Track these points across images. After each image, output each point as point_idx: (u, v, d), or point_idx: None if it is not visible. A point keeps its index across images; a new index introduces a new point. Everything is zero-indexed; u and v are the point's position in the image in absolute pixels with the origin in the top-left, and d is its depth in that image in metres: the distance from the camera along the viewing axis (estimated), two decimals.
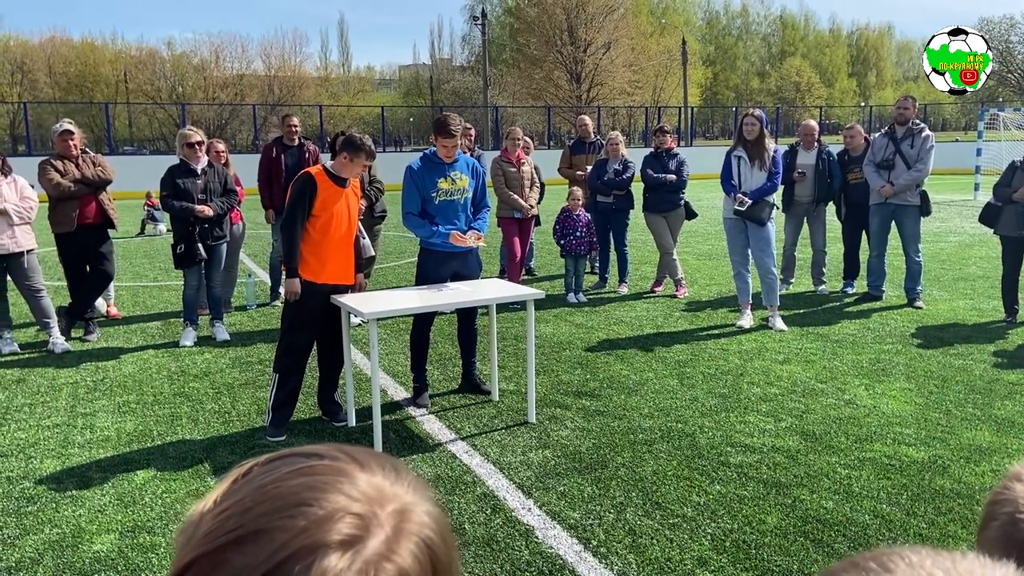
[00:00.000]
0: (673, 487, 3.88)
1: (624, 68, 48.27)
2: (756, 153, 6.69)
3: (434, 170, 5.07)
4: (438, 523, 0.55)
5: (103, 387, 5.55)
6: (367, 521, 0.52)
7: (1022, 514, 0.62)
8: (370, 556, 0.50)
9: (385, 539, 0.51)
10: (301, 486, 0.53)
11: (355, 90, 64.89)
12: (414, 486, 0.57)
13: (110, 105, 32.38)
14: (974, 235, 12.13)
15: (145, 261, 11.23)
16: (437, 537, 0.54)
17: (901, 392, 5.20)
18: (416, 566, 0.51)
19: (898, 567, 0.50)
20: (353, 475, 0.54)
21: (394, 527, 0.52)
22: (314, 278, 4.61)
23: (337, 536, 0.50)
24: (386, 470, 0.56)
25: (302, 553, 0.49)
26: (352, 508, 0.52)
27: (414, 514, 0.54)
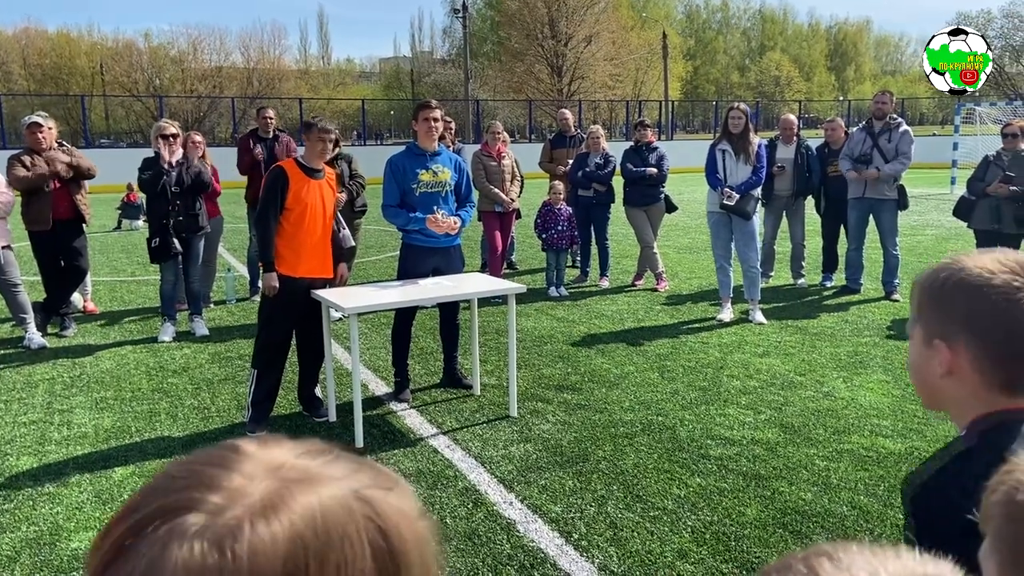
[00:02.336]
0: (654, 480, 3.90)
1: (605, 62, 48.32)
2: (741, 147, 6.72)
3: (415, 161, 5.02)
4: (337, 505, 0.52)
5: (80, 383, 5.48)
6: (234, 492, 0.50)
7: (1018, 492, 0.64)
8: (225, 523, 0.49)
9: (246, 509, 0.49)
10: (187, 465, 0.53)
11: (335, 83, 64.49)
12: (337, 468, 0.54)
13: (86, 97, 31.94)
14: (951, 228, 12.28)
15: (122, 255, 11.10)
16: (329, 517, 0.51)
17: (878, 384, 5.26)
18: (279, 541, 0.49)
19: (823, 568, 0.50)
20: (243, 456, 0.53)
21: (264, 499, 0.50)
22: (291, 272, 4.56)
23: (202, 504, 0.49)
24: (291, 452, 0.54)
25: (160, 514, 0.49)
26: (225, 480, 0.51)
27: (302, 489, 0.52)
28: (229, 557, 0.48)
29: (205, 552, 0.48)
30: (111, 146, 37.85)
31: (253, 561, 0.48)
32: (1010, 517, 0.64)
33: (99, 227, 14.07)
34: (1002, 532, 0.65)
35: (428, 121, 4.95)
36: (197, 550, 0.48)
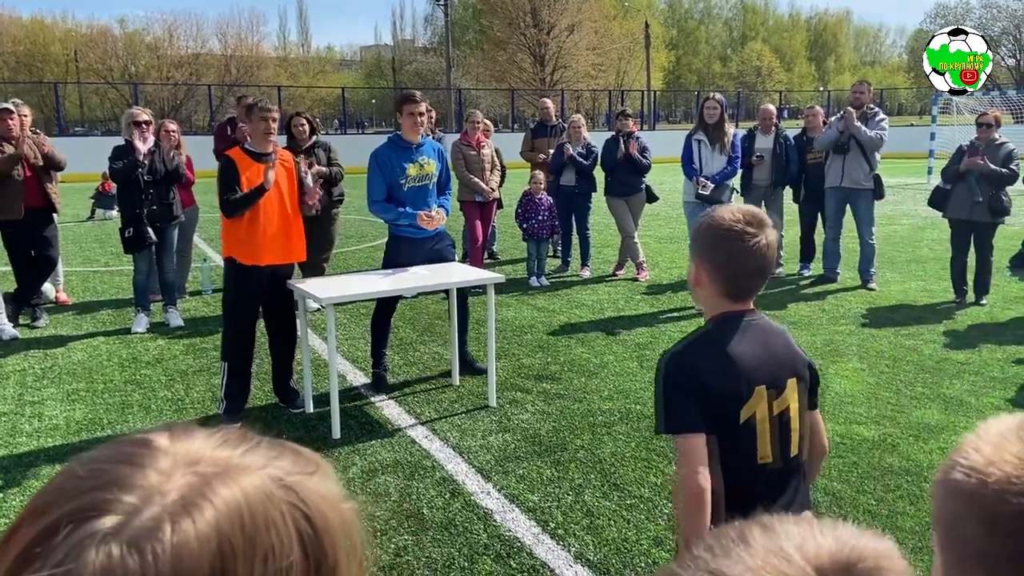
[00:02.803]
0: (631, 468, 3.91)
1: (588, 51, 48.25)
2: (716, 137, 6.73)
3: (401, 155, 4.91)
4: (261, 493, 0.51)
5: (52, 374, 5.40)
6: (150, 491, 0.48)
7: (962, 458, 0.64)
8: (143, 523, 0.47)
9: (163, 507, 0.48)
10: (96, 461, 0.50)
11: (315, 71, 63.91)
12: (257, 456, 0.53)
13: (60, 85, 31.42)
14: (927, 218, 12.41)
15: (96, 245, 10.95)
16: (254, 507, 0.50)
17: (854, 372, 5.31)
18: (203, 536, 0.48)
19: (753, 536, 0.50)
20: (158, 449, 0.51)
21: (184, 495, 0.49)
22: (254, 262, 4.43)
23: (116, 504, 0.47)
24: (209, 443, 0.53)
25: (72, 518, 0.47)
26: (139, 478, 0.49)
27: (224, 480, 0.50)
28: (150, 559, 0.46)
29: (124, 555, 0.46)
30: (85, 134, 37.30)
31: (177, 562, 0.47)
32: (944, 498, 0.64)
33: (72, 216, 13.87)
34: (938, 512, 0.65)
35: (413, 115, 4.84)
36: (115, 553, 0.46)
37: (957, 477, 0.63)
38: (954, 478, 0.63)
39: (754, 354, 1.85)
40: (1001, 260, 8.20)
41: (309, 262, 7.14)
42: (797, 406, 1.88)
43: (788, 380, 1.87)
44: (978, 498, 0.60)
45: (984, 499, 0.60)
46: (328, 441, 4.29)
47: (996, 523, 0.58)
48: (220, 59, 55.57)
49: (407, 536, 3.31)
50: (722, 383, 1.81)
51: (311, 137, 7.10)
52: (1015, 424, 0.64)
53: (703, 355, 1.85)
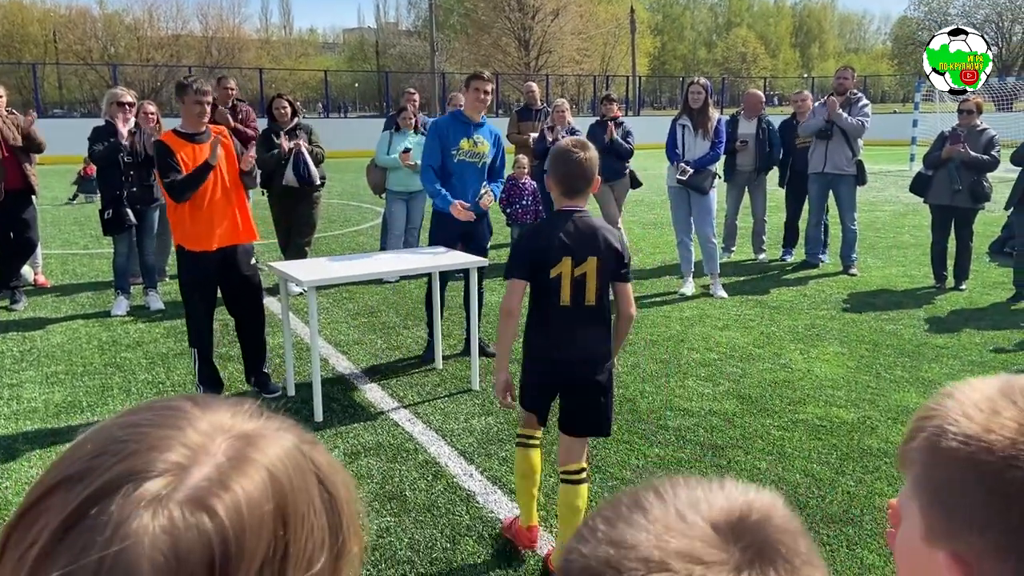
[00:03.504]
0: (613, 451, 3.93)
1: (572, 36, 48.04)
2: (700, 122, 6.73)
3: (459, 128, 5.04)
4: (291, 453, 0.53)
5: (30, 357, 5.34)
6: (195, 451, 0.49)
7: (950, 425, 0.63)
8: (198, 483, 0.47)
9: (216, 466, 0.49)
10: (125, 426, 0.51)
11: (297, 53, 63.20)
12: (274, 425, 0.54)
13: (38, 66, 30.92)
14: (908, 204, 12.50)
15: (75, 228, 10.82)
16: (290, 465, 0.52)
17: (834, 356, 5.35)
18: (258, 494, 0.49)
19: (648, 500, 0.52)
20: (190, 413, 0.52)
21: (230, 455, 0.50)
22: (205, 247, 4.34)
23: (161, 465, 0.47)
24: (233, 410, 0.54)
25: (115, 483, 0.46)
26: (179, 439, 0.49)
27: (259, 442, 0.52)
28: (219, 516, 0.47)
29: (186, 515, 0.46)
30: (64, 116, 36.74)
31: (240, 519, 0.47)
32: (935, 464, 0.64)
33: (51, 199, 13.69)
34: (923, 478, 0.65)
35: (478, 92, 4.96)
36: (177, 514, 0.46)
37: (952, 444, 0.62)
38: (948, 445, 0.62)
39: (567, 236, 2.79)
40: (981, 246, 8.28)
41: (291, 245, 7.14)
42: (594, 274, 2.80)
43: (589, 256, 2.79)
44: (982, 465, 0.60)
45: (991, 466, 0.60)
46: (311, 424, 4.27)
47: (1007, 490, 0.59)
48: (201, 41, 54.85)
49: (390, 517, 3.31)
50: (541, 253, 2.81)
51: (292, 119, 7.04)
52: (997, 387, 0.65)
53: (534, 235, 2.93)
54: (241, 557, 0.47)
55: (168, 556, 0.44)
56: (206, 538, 0.46)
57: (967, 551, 0.61)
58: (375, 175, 7.75)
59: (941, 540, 0.62)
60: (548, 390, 2.99)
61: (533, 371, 2.99)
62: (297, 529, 0.50)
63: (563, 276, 2.79)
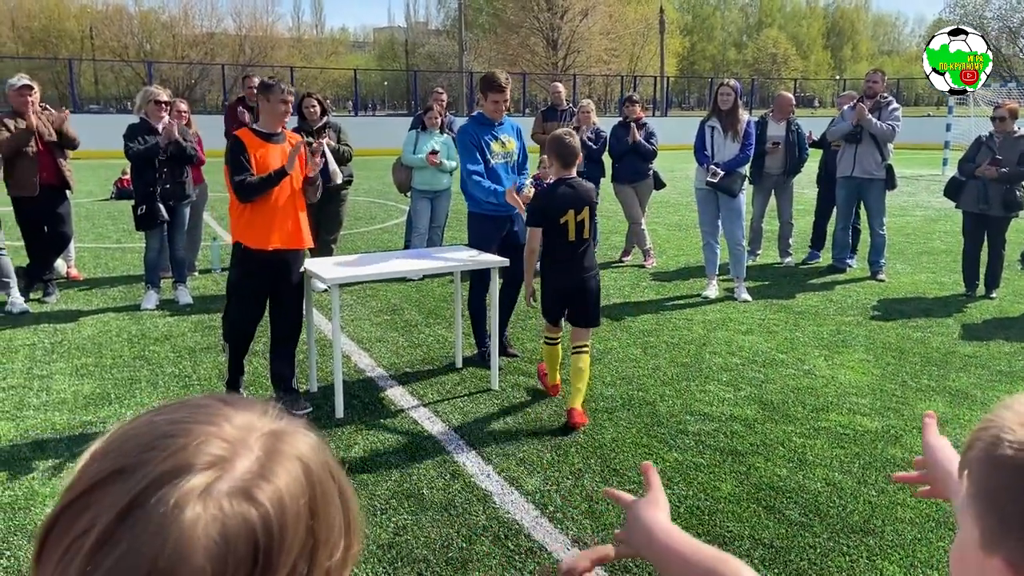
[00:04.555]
0: (631, 454, 3.92)
1: (601, 36, 47.87)
2: (730, 124, 6.68)
3: (484, 130, 5.07)
4: (317, 450, 0.57)
5: (61, 349, 5.46)
6: (235, 445, 0.53)
7: (1006, 433, 0.65)
8: (242, 475, 0.51)
9: (256, 459, 0.52)
10: (168, 422, 0.54)
11: (328, 52, 63.70)
12: (294, 422, 0.58)
13: (75, 62, 31.48)
14: (940, 210, 12.30)
15: (109, 222, 11.01)
16: (316, 461, 0.56)
17: (859, 363, 5.29)
18: (296, 487, 0.52)
19: None
20: (223, 411, 0.56)
21: (266, 450, 0.53)
22: (262, 245, 4.26)
23: (204, 458, 0.51)
24: (260, 410, 0.58)
25: (165, 478, 0.49)
26: (219, 434, 0.53)
27: (289, 439, 0.55)
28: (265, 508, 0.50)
29: (234, 506, 0.49)
30: (100, 111, 37.40)
31: (281, 506, 0.51)
32: (990, 472, 0.66)
33: (86, 193, 13.94)
34: (981, 485, 0.66)
35: (498, 103, 5.04)
36: (226, 506, 0.49)
37: (1007, 452, 0.64)
38: (1004, 453, 0.64)
39: (567, 195, 4.23)
40: (1013, 254, 8.12)
41: (318, 243, 7.20)
42: (587, 218, 4.28)
43: (584, 207, 4.25)
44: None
45: None
46: (331, 420, 4.32)
47: None
48: (234, 39, 55.46)
49: (406, 515, 3.34)
50: (551, 208, 4.24)
51: (322, 118, 7.11)
52: None
53: (546, 196, 4.33)
54: (282, 544, 0.50)
55: (218, 542, 0.48)
56: (251, 526, 0.49)
57: (1021, 557, 0.62)
58: (401, 174, 7.80)
59: (996, 546, 0.64)
60: (561, 302, 4.41)
61: (550, 292, 4.40)
62: (324, 520, 0.54)
63: (568, 222, 4.23)
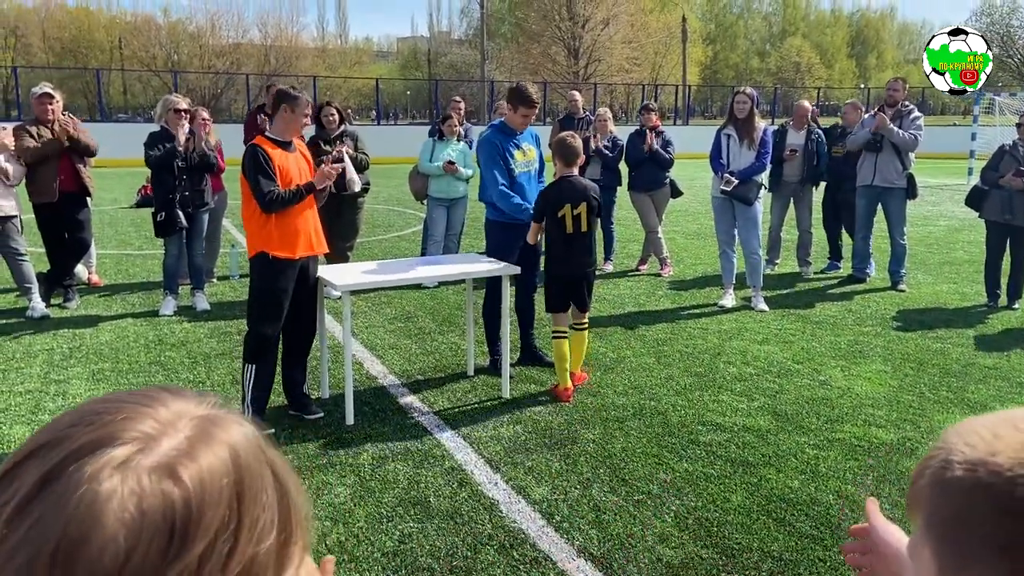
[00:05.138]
0: (641, 464, 3.89)
1: (623, 45, 47.82)
2: (746, 132, 6.63)
3: (507, 140, 5.08)
4: (251, 439, 0.57)
5: (78, 354, 5.53)
6: (164, 425, 0.53)
7: (954, 456, 0.62)
8: (166, 452, 0.52)
9: (184, 439, 0.53)
10: (103, 402, 0.55)
11: (352, 61, 64.24)
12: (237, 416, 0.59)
13: (103, 71, 32.05)
14: (964, 219, 12.11)
15: (132, 229, 11.16)
16: (248, 449, 0.56)
17: (876, 374, 5.21)
18: (220, 468, 0.53)
19: None
20: (160, 397, 0.57)
21: (196, 431, 0.54)
22: (290, 254, 4.24)
23: (130, 434, 0.52)
24: (198, 399, 0.58)
25: (86, 449, 0.50)
26: (150, 414, 0.54)
27: (221, 424, 0.56)
28: (186, 485, 0.51)
29: (154, 481, 0.50)
30: (128, 120, 37.98)
31: (202, 485, 0.51)
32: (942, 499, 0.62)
33: (110, 200, 14.15)
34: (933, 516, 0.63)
35: (527, 117, 5.04)
36: (145, 478, 0.50)
37: (958, 474, 0.61)
38: (954, 476, 0.61)
39: (564, 191, 4.66)
40: None
41: (334, 250, 7.25)
42: (585, 213, 4.66)
43: (581, 203, 4.65)
44: (990, 488, 0.59)
45: (998, 487, 0.58)
46: (342, 427, 4.33)
47: (1016, 509, 0.57)
48: (260, 49, 56.14)
49: (412, 523, 3.33)
50: (550, 203, 4.68)
51: (340, 127, 7.16)
52: (997, 417, 0.64)
53: (546, 193, 4.76)
54: (200, 522, 0.51)
55: (134, 514, 0.48)
56: (170, 501, 0.50)
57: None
58: (417, 182, 7.84)
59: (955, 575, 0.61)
60: (563, 292, 4.78)
61: (553, 282, 4.79)
62: (251, 505, 0.54)
63: (566, 216, 4.64)
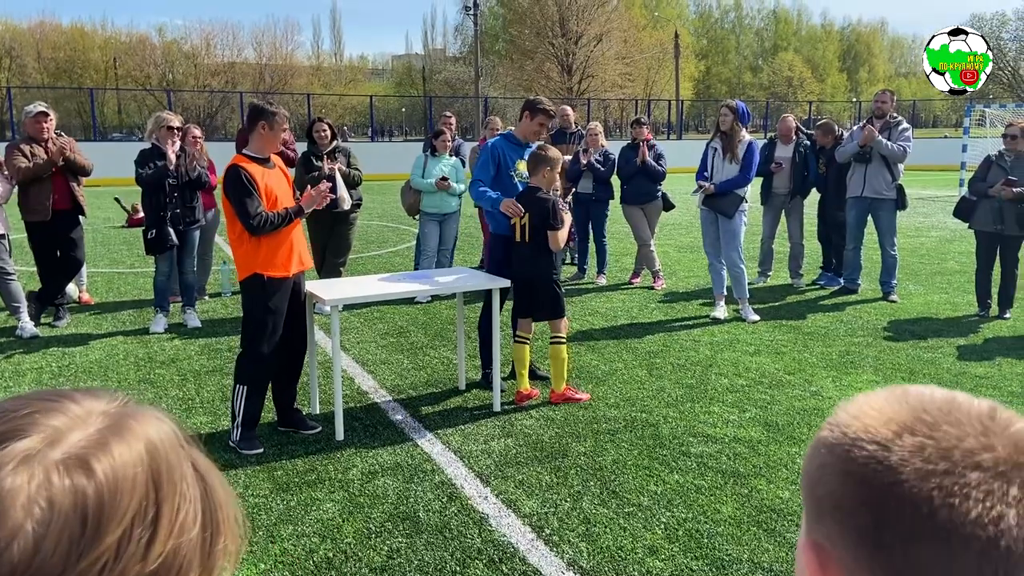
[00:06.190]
0: (632, 476, 3.88)
1: (616, 61, 48.19)
2: (729, 145, 6.67)
3: (514, 150, 5.16)
4: (169, 434, 0.57)
5: (68, 372, 5.50)
6: (74, 420, 0.53)
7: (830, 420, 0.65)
8: (76, 444, 0.51)
9: (96, 431, 0.53)
10: (12, 399, 0.55)
11: (347, 79, 64.58)
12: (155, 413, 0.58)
13: (97, 91, 32.13)
14: (955, 230, 12.16)
15: (124, 247, 11.15)
16: (165, 443, 0.55)
17: (867, 384, 5.21)
18: (135, 458, 0.52)
19: None
20: (72, 395, 0.56)
21: (108, 425, 0.54)
22: (286, 272, 4.20)
23: (38, 428, 0.51)
24: (110, 398, 0.58)
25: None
26: (60, 410, 0.53)
27: (137, 419, 0.56)
28: (96, 471, 0.50)
29: (62, 472, 0.50)
30: (123, 139, 38.06)
31: (115, 476, 0.51)
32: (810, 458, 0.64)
33: (103, 219, 14.14)
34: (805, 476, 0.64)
35: (543, 126, 5.16)
36: (54, 471, 0.50)
37: (823, 434, 0.64)
38: (821, 435, 0.64)
39: (521, 199, 4.82)
40: None
41: (326, 266, 7.26)
42: (529, 223, 4.77)
43: (526, 214, 4.75)
44: (837, 447, 0.61)
45: (841, 448, 0.61)
46: (331, 442, 4.31)
47: (850, 470, 0.59)
48: (255, 67, 56.40)
49: (401, 539, 3.31)
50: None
51: (332, 142, 7.18)
52: (889, 389, 0.66)
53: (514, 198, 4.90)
54: (114, 512, 0.50)
55: (43, 506, 0.48)
56: (80, 493, 0.49)
57: (825, 537, 0.61)
58: (410, 197, 7.85)
59: (810, 532, 0.63)
60: (519, 293, 4.91)
61: (514, 288, 4.93)
62: (170, 495, 0.54)
63: (516, 224, 4.82)
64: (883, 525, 0.58)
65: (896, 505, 0.57)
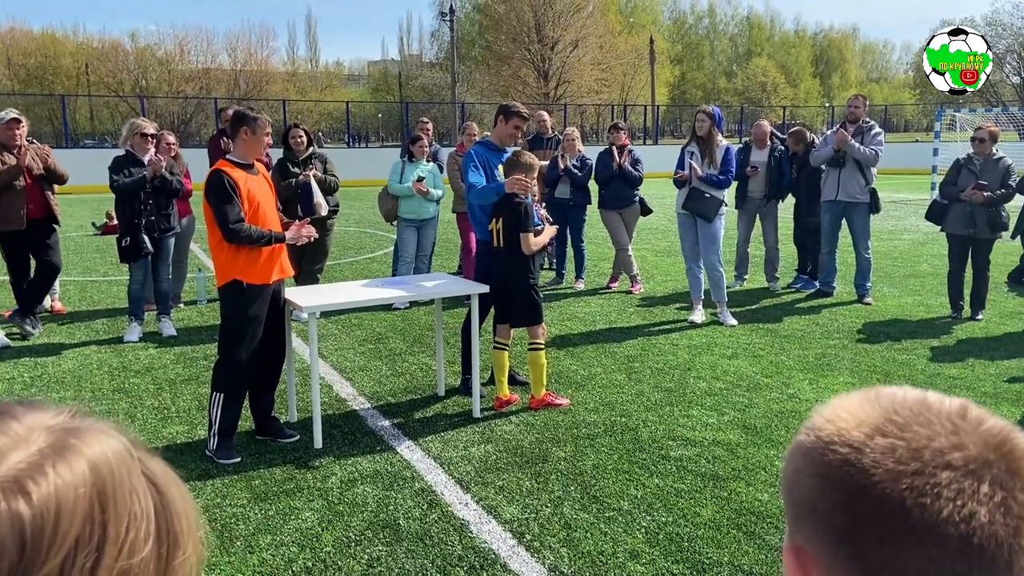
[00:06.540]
0: (612, 481, 3.88)
1: (592, 66, 48.45)
2: (707, 150, 6.73)
3: (493, 157, 5.19)
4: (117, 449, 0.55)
5: (40, 383, 5.41)
6: (15, 440, 0.51)
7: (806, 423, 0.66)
8: (14, 466, 0.49)
9: (37, 451, 0.51)
10: None
11: (323, 85, 64.27)
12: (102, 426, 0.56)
13: (70, 97, 31.72)
14: (928, 233, 12.35)
15: (97, 255, 11.00)
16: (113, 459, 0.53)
17: (844, 386, 5.27)
18: (77, 480, 0.51)
19: None
20: (14, 411, 0.54)
21: (50, 444, 0.52)
22: (266, 280, 4.19)
23: None
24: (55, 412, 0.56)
25: None
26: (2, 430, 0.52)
27: (82, 436, 0.53)
28: (32, 495, 0.49)
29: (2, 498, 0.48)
30: (96, 146, 37.56)
31: (56, 498, 0.49)
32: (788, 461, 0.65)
33: (76, 227, 13.94)
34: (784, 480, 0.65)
35: (518, 129, 5.21)
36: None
37: (800, 438, 0.64)
38: (798, 439, 0.65)
39: (497, 204, 4.87)
40: (999, 275, 8.16)
41: (303, 273, 7.20)
42: (503, 227, 4.80)
43: (499, 217, 4.81)
44: (812, 451, 0.62)
45: (816, 451, 0.61)
46: (310, 451, 4.27)
47: (824, 473, 0.60)
48: (229, 74, 55.96)
49: (381, 547, 3.28)
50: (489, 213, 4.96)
51: (308, 148, 7.14)
52: (863, 391, 0.67)
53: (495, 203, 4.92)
54: (54, 537, 0.49)
55: None
56: (18, 517, 0.48)
57: (805, 540, 0.62)
58: (387, 203, 7.82)
59: (792, 536, 0.64)
60: (498, 298, 4.88)
61: (493, 294, 4.84)
62: (118, 516, 0.52)
63: (493, 228, 4.85)
64: (859, 526, 0.58)
65: (870, 506, 0.58)
